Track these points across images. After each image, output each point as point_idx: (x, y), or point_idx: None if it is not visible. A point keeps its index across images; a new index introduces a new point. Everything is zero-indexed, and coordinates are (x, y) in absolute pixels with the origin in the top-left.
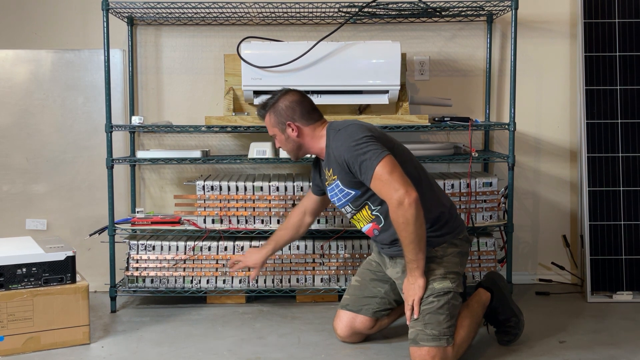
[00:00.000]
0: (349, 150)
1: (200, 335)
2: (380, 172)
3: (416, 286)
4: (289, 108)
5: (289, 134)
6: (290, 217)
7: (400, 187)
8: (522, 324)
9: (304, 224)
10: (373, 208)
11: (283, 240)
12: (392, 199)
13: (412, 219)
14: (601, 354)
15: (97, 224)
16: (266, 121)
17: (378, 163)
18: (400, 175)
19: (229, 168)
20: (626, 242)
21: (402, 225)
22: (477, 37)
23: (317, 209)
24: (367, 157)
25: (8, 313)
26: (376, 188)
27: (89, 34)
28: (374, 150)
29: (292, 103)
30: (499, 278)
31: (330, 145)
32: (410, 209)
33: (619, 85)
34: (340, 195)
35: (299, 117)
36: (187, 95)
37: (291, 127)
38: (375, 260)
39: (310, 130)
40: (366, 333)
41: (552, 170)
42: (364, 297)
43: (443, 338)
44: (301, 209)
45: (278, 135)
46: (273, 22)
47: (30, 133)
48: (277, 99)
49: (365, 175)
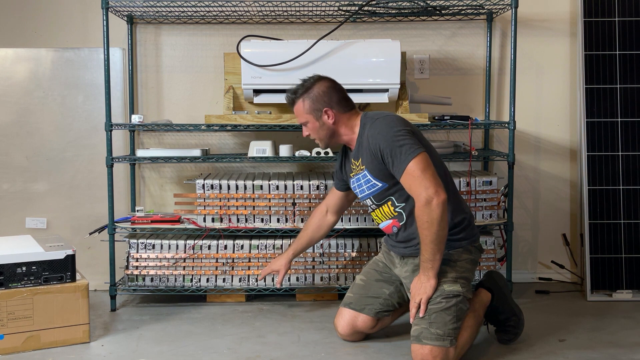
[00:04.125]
0: (386, 140)
1: (200, 333)
2: (414, 168)
3: (428, 285)
4: (326, 94)
5: (325, 121)
6: (311, 217)
7: (431, 186)
8: (522, 323)
9: (325, 223)
10: (397, 204)
11: (303, 242)
12: (420, 196)
13: (437, 219)
14: (601, 353)
15: (97, 223)
16: (297, 108)
17: (413, 158)
18: (432, 174)
19: (229, 167)
20: (626, 240)
21: (426, 224)
22: (477, 36)
23: (341, 206)
24: (404, 150)
25: (8, 312)
26: (406, 182)
27: (89, 32)
28: (410, 145)
29: (328, 89)
30: (499, 277)
31: (364, 133)
32: (437, 209)
33: (618, 83)
34: (365, 187)
35: (336, 103)
36: (186, 93)
37: (327, 113)
38: (382, 260)
39: (346, 118)
40: (367, 332)
41: (552, 169)
42: (368, 296)
43: (447, 339)
44: (323, 208)
45: (311, 122)
46: (273, 21)
47: (30, 132)
48: (310, 84)
49: (398, 167)
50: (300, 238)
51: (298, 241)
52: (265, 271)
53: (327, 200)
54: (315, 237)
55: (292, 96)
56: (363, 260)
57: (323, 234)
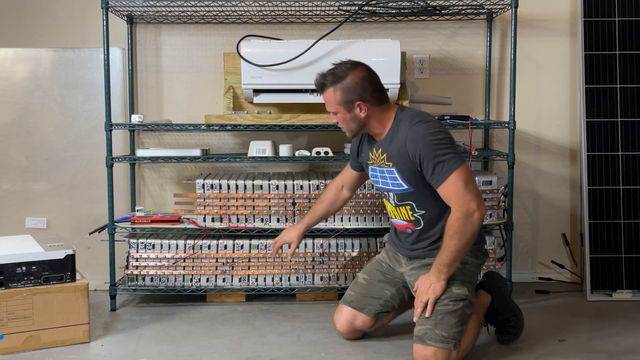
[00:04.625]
0: (428, 146)
1: (200, 333)
2: (456, 179)
3: (437, 286)
4: (360, 86)
5: (356, 114)
6: (326, 190)
7: (474, 200)
8: (522, 323)
9: (340, 198)
10: (417, 211)
11: (318, 214)
12: (462, 208)
13: (472, 232)
14: (601, 353)
15: (97, 223)
16: (327, 96)
17: (456, 169)
18: (475, 187)
19: (229, 166)
20: (626, 240)
21: (459, 235)
22: (477, 36)
23: (356, 183)
24: (446, 159)
25: (8, 311)
26: (446, 192)
27: (89, 32)
28: (454, 154)
29: (362, 80)
30: (498, 278)
31: (398, 131)
32: (476, 223)
33: (618, 83)
34: (390, 182)
35: (370, 96)
36: (186, 93)
37: (360, 107)
38: (385, 261)
39: (379, 112)
40: (365, 331)
41: (552, 169)
42: (369, 296)
43: (451, 342)
44: (338, 183)
45: (341, 113)
46: (273, 21)
47: (30, 132)
48: (343, 72)
49: (438, 176)
50: (315, 211)
51: (313, 214)
52: (277, 244)
53: (342, 176)
54: (330, 211)
55: (321, 81)
56: (363, 260)
57: (338, 207)
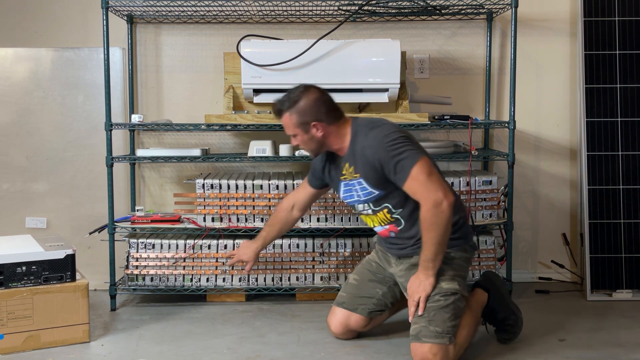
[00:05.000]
0: (384, 150)
1: (200, 333)
2: (418, 173)
3: (427, 283)
4: (313, 107)
5: (313, 134)
6: (277, 212)
7: (439, 189)
8: (520, 321)
9: (290, 219)
10: (394, 211)
11: (271, 236)
12: (429, 200)
13: (445, 221)
14: (601, 352)
15: (97, 223)
16: (284, 120)
17: (415, 163)
18: (438, 177)
19: (229, 166)
20: (626, 240)
21: (434, 226)
22: (477, 36)
23: (308, 202)
24: (404, 156)
25: (8, 311)
26: (411, 188)
27: (89, 32)
28: (410, 151)
29: (315, 101)
30: (496, 277)
31: (358, 142)
32: (446, 211)
33: (618, 83)
34: (361, 193)
35: (325, 116)
36: (186, 93)
37: (316, 127)
38: (375, 260)
39: (335, 129)
40: (359, 331)
41: (552, 169)
42: (360, 296)
43: (446, 336)
44: (289, 203)
45: (300, 135)
46: (273, 21)
47: (30, 131)
48: (297, 96)
49: (400, 174)
50: (269, 233)
51: (267, 236)
52: (233, 261)
53: (295, 195)
54: (282, 232)
55: (278, 107)
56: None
57: (289, 228)
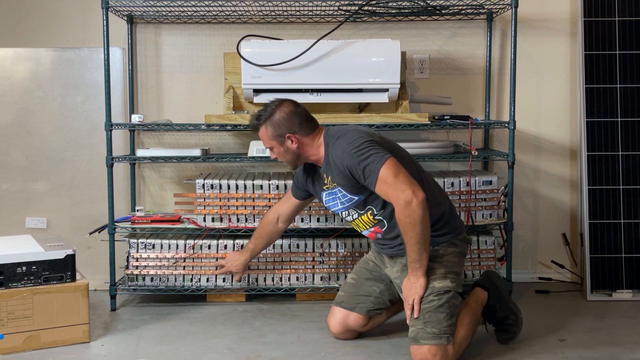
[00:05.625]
0: (350, 157)
1: (200, 333)
2: (385, 175)
3: (417, 285)
4: (287, 120)
5: (288, 146)
6: (262, 225)
7: (407, 188)
8: (520, 321)
9: (276, 231)
10: (376, 212)
11: (258, 249)
12: (399, 200)
13: (419, 219)
14: (601, 352)
15: (97, 223)
16: (261, 134)
17: (382, 166)
18: (405, 176)
19: (229, 166)
20: (626, 240)
21: (409, 226)
22: (477, 36)
23: (292, 213)
24: (370, 161)
25: (8, 311)
26: (382, 191)
27: (89, 32)
28: (375, 154)
29: (289, 114)
30: (496, 276)
31: (328, 153)
32: (418, 209)
33: (619, 83)
34: (344, 200)
35: (298, 128)
36: (186, 93)
37: (291, 139)
38: (372, 260)
39: (310, 140)
40: (359, 330)
41: (552, 169)
42: (358, 295)
43: (444, 336)
44: (274, 216)
45: (276, 147)
46: (273, 21)
47: (30, 131)
48: (272, 110)
49: (370, 179)
50: (257, 245)
51: (254, 248)
52: (222, 271)
53: (279, 208)
54: (269, 244)
55: (255, 122)
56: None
57: (275, 240)
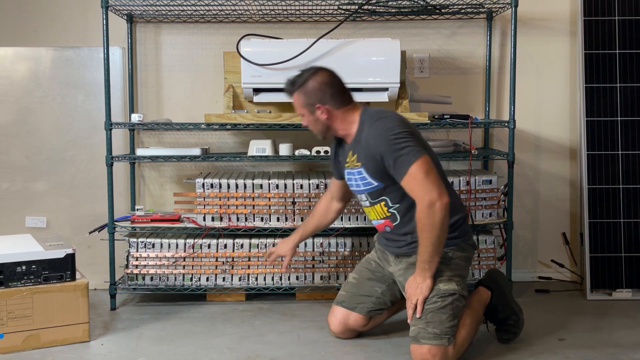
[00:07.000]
0: (387, 143)
1: (200, 332)
2: (416, 171)
3: (424, 286)
4: (319, 90)
5: (318, 116)
6: (318, 203)
7: (434, 189)
8: (522, 322)
9: (331, 209)
10: (391, 205)
11: (309, 227)
12: (424, 199)
13: (439, 222)
14: (601, 352)
15: (97, 222)
16: (294, 100)
17: (415, 161)
18: (435, 177)
19: (229, 166)
20: (626, 239)
21: (428, 227)
22: (477, 35)
23: (344, 193)
24: (405, 152)
25: (8, 311)
26: (408, 185)
27: (89, 31)
28: (412, 147)
29: (321, 84)
30: (500, 276)
31: (363, 132)
32: (440, 212)
33: (618, 82)
34: (360, 182)
35: (329, 99)
36: (186, 92)
37: (321, 109)
38: (374, 259)
39: (341, 114)
40: (359, 330)
41: (552, 168)
42: (360, 295)
43: (445, 337)
44: (328, 196)
45: (306, 116)
46: (272, 20)
47: (29, 131)
48: (305, 78)
49: (399, 170)
50: (307, 224)
51: (304, 227)
52: (272, 257)
53: (330, 188)
54: (322, 223)
55: (289, 88)
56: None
57: (330, 220)
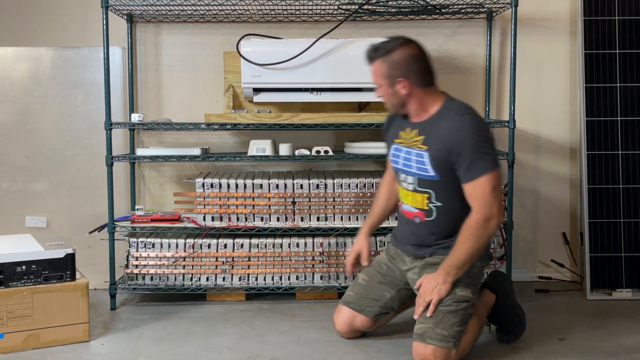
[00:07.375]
0: (472, 141)
1: (200, 332)
2: (487, 181)
3: (442, 288)
4: (405, 63)
5: (397, 90)
6: (379, 189)
7: (495, 206)
8: (524, 325)
9: (395, 191)
10: (433, 201)
11: (377, 214)
12: (482, 211)
13: (486, 238)
14: (601, 351)
15: (97, 222)
16: (374, 67)
17: (490, 172)
18: (500, 194)
19: (229, 166)
20: (626, 239)
21: (474, 238)
22: (477, 35)
23: None
24: (485, 159)
25: (8, 310)
26: (472, 191)
27: (89, 31)
28: (492, 156)
29: (408, 57)
30: (504, 278)
31: (446, 120)
32: (492, 229)
33: (618, 82)
34: (415, 165)
35: (414, 75)
36: (186, 92)
37: (402, 84)
38: (385, 263)
39: (422, 94)
40: (364, 331)
41: (552, 168)
42: (368, 297)
43: (451, 341)
44: (388, 177)
45: (384, 87)
46: (273, 20)
47: (29, 131)
48: (392, 47)
49: (470, 173)
50: (373, 211)
51: (372, 215)
52: (351, 257)
53: (388, 169)
54: (389, 205)
55: (372, 54)
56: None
57: (395, 202)
